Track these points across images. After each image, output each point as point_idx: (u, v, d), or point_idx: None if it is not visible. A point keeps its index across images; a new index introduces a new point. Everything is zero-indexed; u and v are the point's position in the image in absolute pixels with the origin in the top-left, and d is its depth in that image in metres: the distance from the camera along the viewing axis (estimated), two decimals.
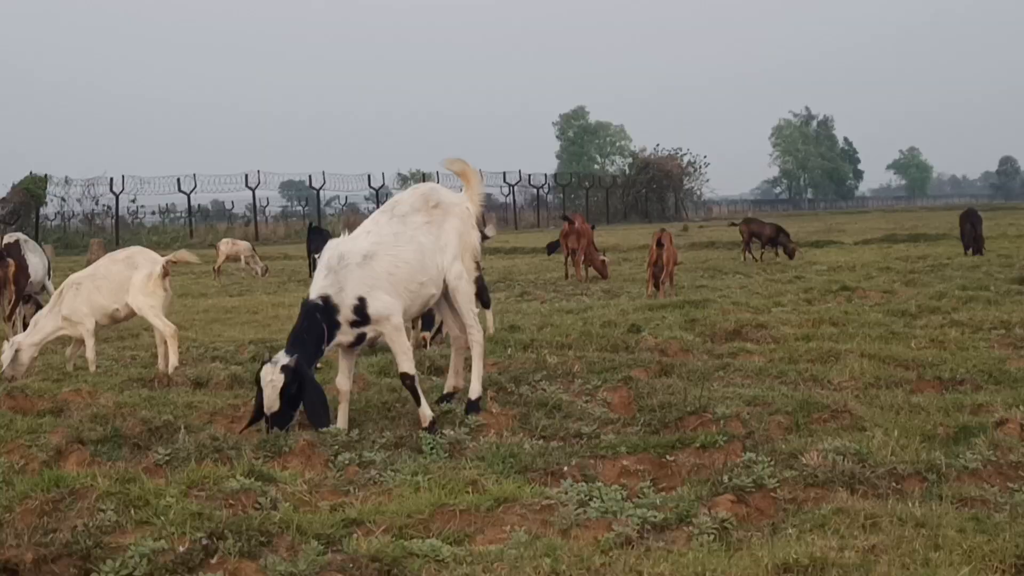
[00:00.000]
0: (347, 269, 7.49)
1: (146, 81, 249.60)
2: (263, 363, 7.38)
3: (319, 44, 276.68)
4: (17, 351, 10.08)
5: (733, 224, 30.47)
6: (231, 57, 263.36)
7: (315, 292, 7.49)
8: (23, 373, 10.04)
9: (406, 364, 7.57)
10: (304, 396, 7.30)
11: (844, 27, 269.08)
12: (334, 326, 7.44)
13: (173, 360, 10.19)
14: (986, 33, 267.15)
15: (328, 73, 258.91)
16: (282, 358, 7.25)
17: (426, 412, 7.50)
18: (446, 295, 8.14)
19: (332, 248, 7.68)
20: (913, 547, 4.73)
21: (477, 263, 8.45)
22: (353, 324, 7.48)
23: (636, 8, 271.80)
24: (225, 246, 27.99)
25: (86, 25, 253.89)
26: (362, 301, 7.44)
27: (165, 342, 10.32)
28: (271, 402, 7.19)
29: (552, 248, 23.31)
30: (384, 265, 7.59)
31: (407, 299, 7.75)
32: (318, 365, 7.86)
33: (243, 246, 28.18)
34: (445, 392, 8.40)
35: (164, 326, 10.31)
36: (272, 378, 7.18)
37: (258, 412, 7.31)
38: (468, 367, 8.15)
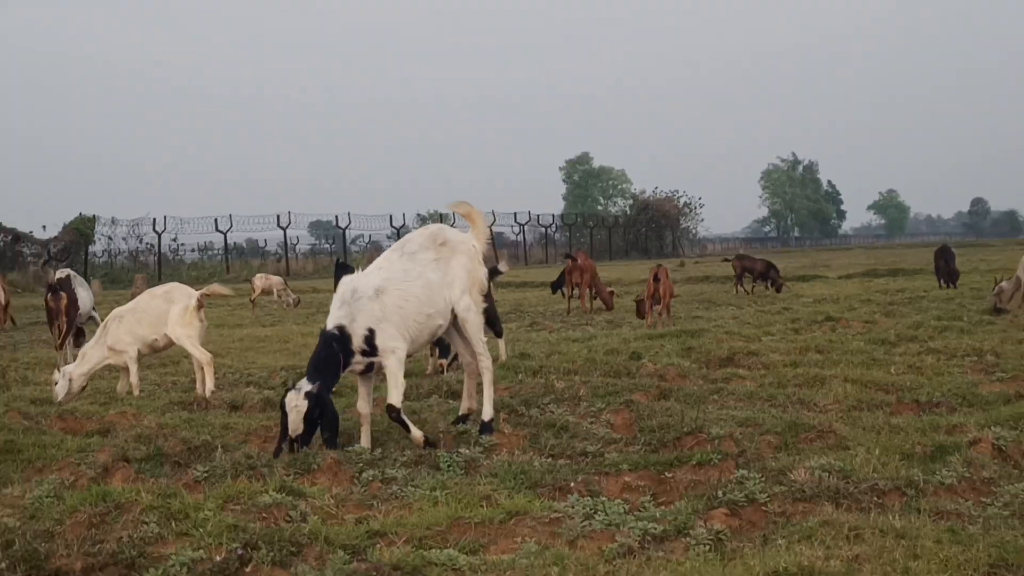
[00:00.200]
0: (359, 302, 7.56)
1: (185, 133, 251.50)
2: (287, 390, 7.41)
3: (345, 95, 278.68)
4: (69, 380, 10.16)
5: (726, 260, 30.38)
6: (263, 111, 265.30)
7: (331, 323, 7.57)
8: (72, 398, 10.08)
9: (395, 397, 7.54)
10: (322, 419, 7.35)
11: (828, 80, 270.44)
12: (348, 354, 7.50)
13: (210, 384, 10.25)
14: (960, 85, 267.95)
15: (353, 123, 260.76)
16: (304, 385, 7.30)
17: (417, 435, 7.51)
18: (457, 326, 8.17)
19: (346, 283, 7.75)
20: (894, 557, 4.72)
21: (485, 296, 8.46)
22: (363, 353, 7.54)
23: (636, 65, 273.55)
24: (260, 280, 28.04)
25: (124, 85, 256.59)
26: (371, 332, 7.51)
27: (202, 368, 10.39)
28: (296, 425, 7.24)
29: (556, 287, 23.09)
30: (394, 299, 7.64)
31: (415, 330, 7.79)
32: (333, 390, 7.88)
33: (276, 280, 28.23)
34: (460, 414, 8.41)
35: (200, 354, 10.38)
36: (297, 404, 7.23)
37: (284, 435, 7.34)
38: (481, 391, 8.16)
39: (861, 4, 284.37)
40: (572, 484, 6.30)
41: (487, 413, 7.96)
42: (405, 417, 7.60)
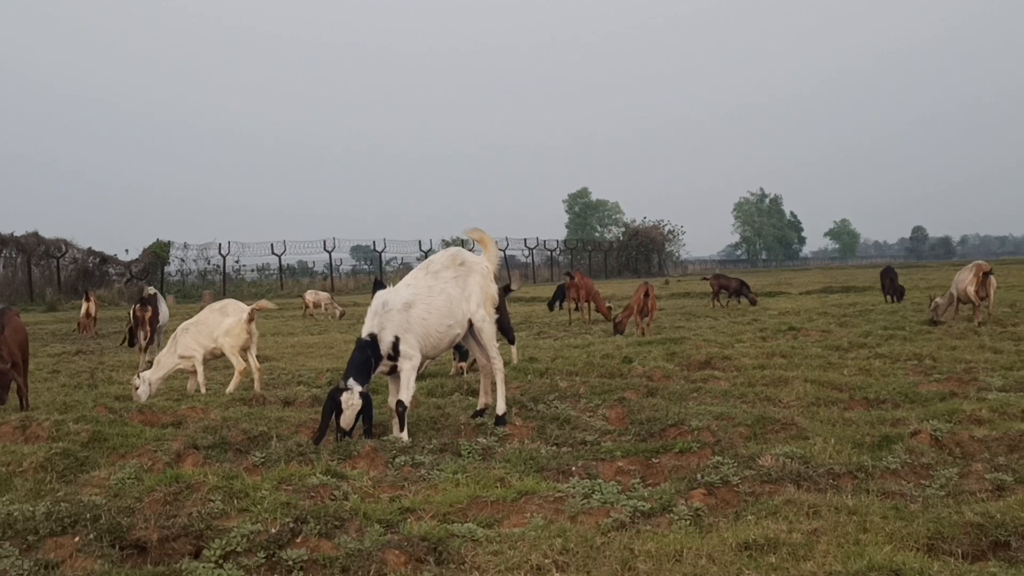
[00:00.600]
0: (389, 314, 7.55)
1: (248, 174, 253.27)
2: (334, 389, 7.39)
3: (381, 144, 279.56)
4: (148, 384, 10.23)
5: (705, 279, 30.41)
6: (316, 158, 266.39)
7: (365, 331, 7.57)
8: (149, 397, 10.13)
9: (406, 396, 7.47)
10: (363, 413, 7.36)
11: (792, 127, 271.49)
12: (378, 358, 7.48)
13: (232, 387, 10.35)
14: (903, 132, 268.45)
15: (388, 166, 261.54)
16: (355, 386, 7.27)
17: (404, 437, 7.35)
18: (473, 334, 8.15)
19: (378, 297, 7.75)
20: (847, 530, 4.71)
21: (498, 308, 8.45)
22: (389, 357, 7.52)
23: (628, 115, 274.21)
24: (310, 296, 28.14)
25: (193, 135, 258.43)
26: (397, 340, 7.50)
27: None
28: (349, 421, 7.24)
29: (555, 302, 22.91)
30: (419, 311, 7.64)
31: (436, 337, 7.79)
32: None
33: (323, 296, 28.31)
34: (478, 408, 8.39)
35: (238, 362, 10.49)
36: (353, 402, 7.22)
37: (325, 425, 7.32)
38: (495, 389, 8.15)
39: (817, 66, 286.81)
40: (573, 468, 6.29)
41: (501, 408, 7.95)
42: (406, 417, 7.49)
